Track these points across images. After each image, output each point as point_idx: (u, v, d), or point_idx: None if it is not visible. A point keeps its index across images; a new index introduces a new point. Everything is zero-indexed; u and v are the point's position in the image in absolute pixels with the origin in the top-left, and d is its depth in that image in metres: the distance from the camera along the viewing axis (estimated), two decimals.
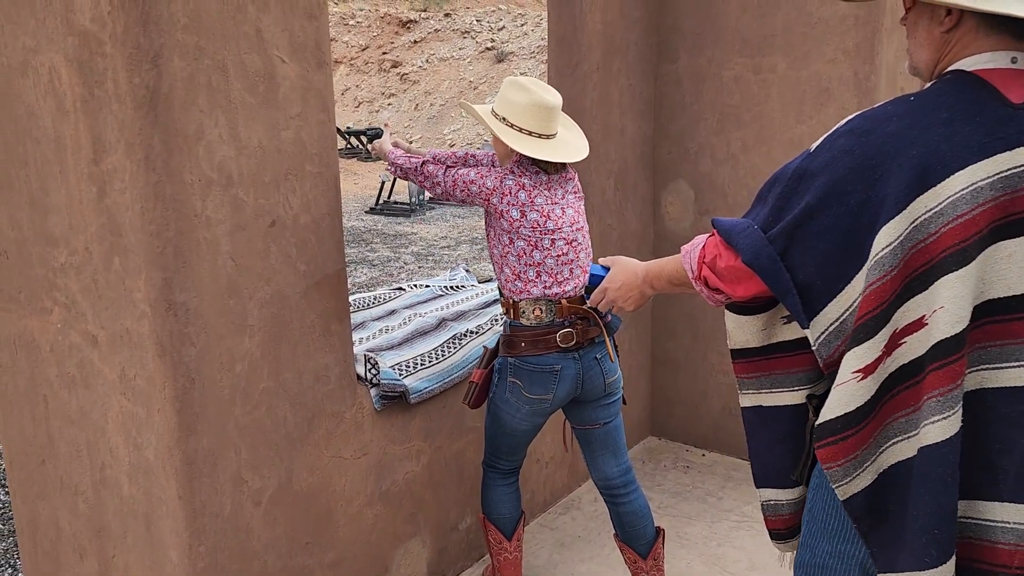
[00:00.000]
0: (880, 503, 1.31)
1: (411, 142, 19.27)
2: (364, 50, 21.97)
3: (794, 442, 1.49)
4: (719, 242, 1.40)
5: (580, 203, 2.38)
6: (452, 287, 3.61)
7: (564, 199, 2.31)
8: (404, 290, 3.59)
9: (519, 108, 2.22)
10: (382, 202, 12.11)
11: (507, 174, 2.26)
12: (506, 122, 2.24)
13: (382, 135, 2.58)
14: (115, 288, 1.82)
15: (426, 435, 2.58)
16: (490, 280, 3.89)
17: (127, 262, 1.78)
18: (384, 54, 21.63)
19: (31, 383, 2.15)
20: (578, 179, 2.41)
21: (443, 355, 2.70)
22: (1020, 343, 1.22)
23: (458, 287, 3.61)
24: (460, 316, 3.10)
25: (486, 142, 15.61)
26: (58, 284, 1.96)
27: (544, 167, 2.28)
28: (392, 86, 20.85)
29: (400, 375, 2.48)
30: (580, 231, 2.34)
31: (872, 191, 1.22)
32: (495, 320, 3.01)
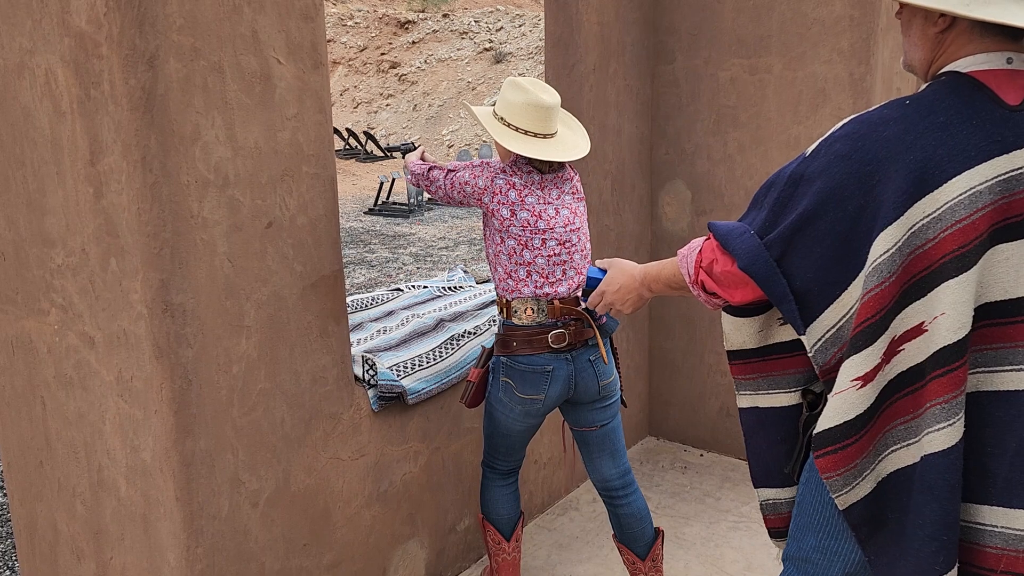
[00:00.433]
0: (879, 511, 1.31)
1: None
2: (362, 51, 21.97)
3: (793, 443, 1.49)
4: (715, 246, 1.39)
5: (578, 204, 2.36)
6: (450, 288, 3.61)
7: (559, 199, 2.30)
8: (402, 291, 3.60)
9: (516, 108, 2.23)
10: (381, 203, 12.12)
11: (498, 173, 2.27)
12: (504, 122, 2.25)
13: (414, 149, 2.66)
14: (112, 289, 1.83)
15: (424, 436, 2.58)
16: (488, 281, 3.90)
17: (124, 263, 1.78)
18: (382, 55, 21.63)
19: (28, 384, 2.15)
20: (578, 180, 2.40)
21: (441, 356, 2.70)
22: (1015, 347, 1.21)
23: (456, 288, 3.61)
24: (458, 317, 3.10)
25: (484, 143, 15.61)
26: (55, 285, 1.96)
27: (538, 166, 2.29)
28: (390, 87, 20.86)
29: (398, 376, 2.48)
30: (575, 232, 2.33)
31: (869, 196, 1.21)
32: (493, 321, 3.01)
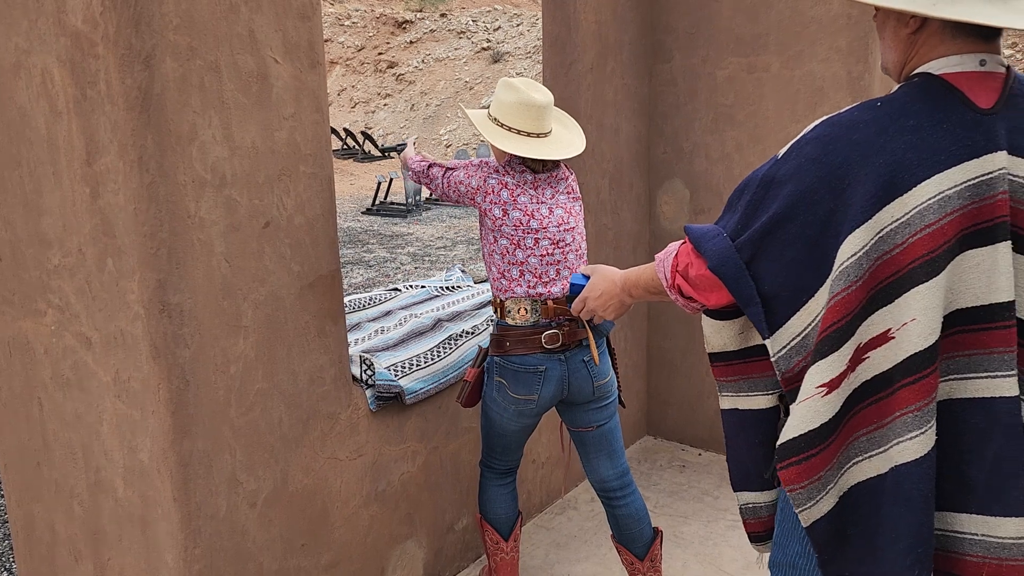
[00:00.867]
0: (841, 527, 1.27)
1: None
2: (360, 51, 21.96)
3: (771, 446, 1.47)
4: (690, 250, 1.38)
5: (574, 204, 2.36)
6: (448, 288, 3.61)
7: (553, 199, 2.30)
8: (400, 291, 3.59)
9: (509, 108, 2.24)
10: (378, 203, 12.11)
11: (491, 173, 2.27)
12: (497, 122, 2.25)
13: (406, 147, 2.66)
14: (109, 290, 1.82)
15: (422, 436, 2.58)
16: (486, 280, 3.90)
17: (121, 263, 1.77)
18: (380, 54, 21.62)
19: (26, 385, 2.14)
20: (574, 179, 2.39)
21: (439, 356, 2.69)
22: (989, 353, 1.19)
23: (454, 288, 3.61)
24: (456, 317, 3.10)
25: (482, 142, 15.61)
26: (52, 286, 1.95)
27: (532, 166, 2.28)
28: (388, 86, 20.84)
29: (396, 376, 2.48)
30: (570, 232, 2.32)
31: (839, 201, 1.19)
32: (491, 320, 3.01)
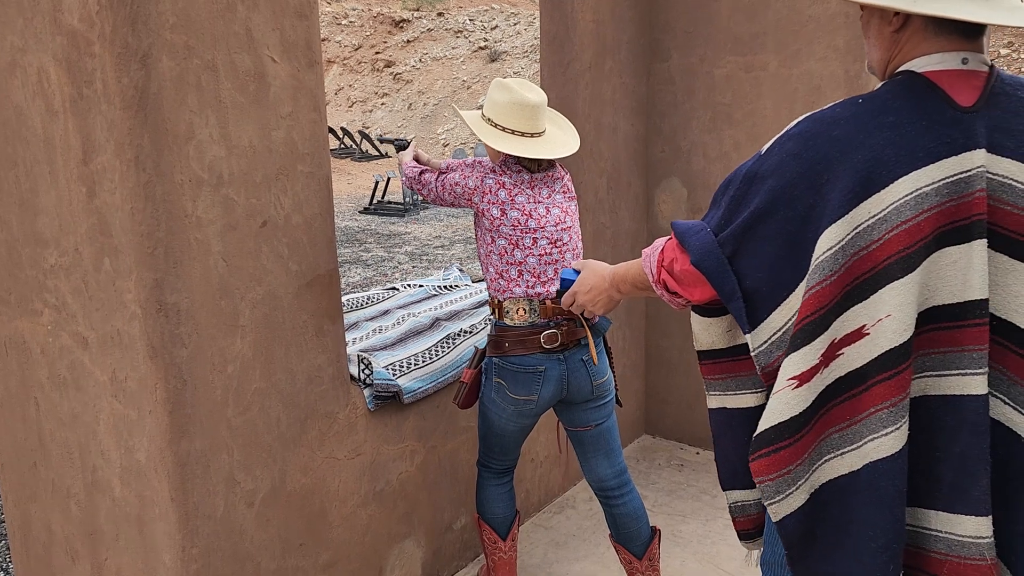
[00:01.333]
0: (812, 526, 1.27)
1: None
2: (357, 50, 21.94)
3: None
4: (675, 245, 1.39)
5: (569, 203, 2.35)
6: (446, 287, 3.61)
7: (550, 198, 2.30)
8: (398, 290, 3.59)
9: (502, 108, 2.24)
10: (376, 202, 12.10)
11: (488, 173, 2.27)
12: (491, 122, 2.25)
13: (407, 147, 2.64)
14: (105, 289, 1.82)
15: (420, 435, 2.58)
16: (483, 280, 3.89)
17: (117, 263, 1.77)
18: (377, 54, 21.60)
19: (22, 385, 2.14)
20: (569, 179, 2.39)
21: (437, 355, 2.69)
22: (963, 351, 1.19)
23: (452, 287, 3.61)
24: (454, 316, 3.10)
25: (480, 142, 15.59)
26: (48, 285, 1.95)
27: (527, 165, 2.28)
28: (385, 86, 20.83)
29: (394, 375, 2.47)
30: (567, 231, 2.32)
31: (818, 196, 1.20)
32: (488, 320, 3.00)
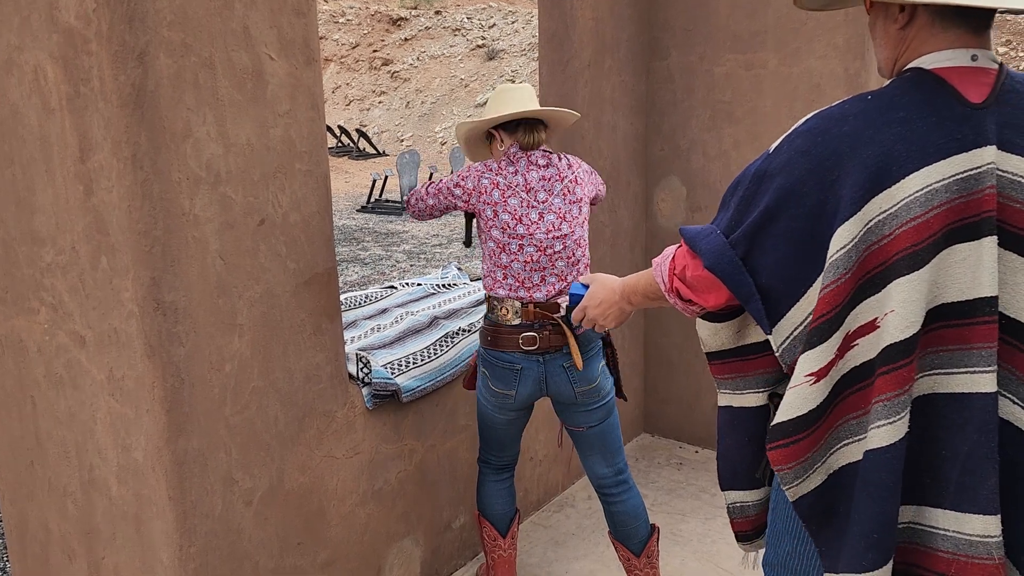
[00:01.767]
0: (830, 502, 1.30)
1: (402, 140, 19.24)
2: (354, 48, 21.92)
3: (759, 444, 1.48)
4: (686, 251, 1.38)
5: (570, 207, 2.29)
6: (444, 285, 3.60)
7: (545, 202, 2.27)
8: (396, 288, 3.58)
9: (492, 103, 2.30)
10: (373, 200, 12.09)
11: (484, 172, 2.28)
12: (483, 119, 2.30)
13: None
14: (102, 288, 1.81)
15: (418, 434, 2.57)
16: (481, 278, 3.89)
17: (114, 261, 1.76)
18: (375, 52, 21.58)
19: (19, 384, 2.13)
20: (573, 180, 2.31)
21: (435, 353, 2.69)
22: (971, 349, 1.19)
23: (450, 285, 3.60)
24: (452, 314, 3.09)
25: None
26: (45, 284, 1.94)
27: (524, 145, 2.28)
28: (383, 84, 20.82)
29: (392, 374, 2.47)
30: (560, 239, 2.27)
31: (829, 192, 1.20)
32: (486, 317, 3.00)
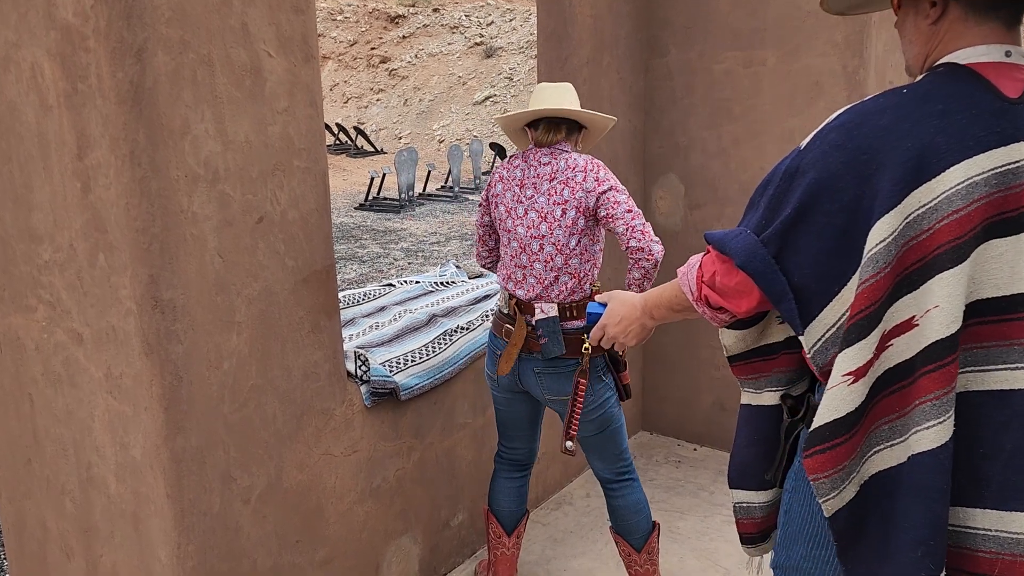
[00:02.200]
0: (861, 516, 1.26)
1: (400, 138, 19.23)
2: (352, 45, 21.89)
3: (766, 445, 1.46)
4: (715, 256, 1.34)
5: (554, 208, 2.20)
6: (442, 283, 3.60)
7: (531, 199, 2.25)
8: (394, 286, 3.58)
9: (531, 101, 2.36)
10: (372, 198, 12.08)
11: (498, 168, 2.36)
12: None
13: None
14: (100, 285, 1.80)
15: (417, 432, 2.57)
16: (480, 276, 3.88)
17: (112, 259, 1.75)
18: (372, 49, 21.56)
19: (16, 381, 2.12)
20: (564, 182, 2.21)
21: (433, 351, 2.68)
22: (1010, 345, 1.18)
23: (448, 283, 3.60)
24: (450, 312, 3.09)
25: (476, 137, 15.57)
26: (42, 281, 1.93)
27: (537, 140, 2.30)
28: (381, 81, 20.79)
29: (390, 372, 2.46)
30: (537, 239, 2.22)
31: (865, 186, 1.17)
32: (485, 316, 2.99)
